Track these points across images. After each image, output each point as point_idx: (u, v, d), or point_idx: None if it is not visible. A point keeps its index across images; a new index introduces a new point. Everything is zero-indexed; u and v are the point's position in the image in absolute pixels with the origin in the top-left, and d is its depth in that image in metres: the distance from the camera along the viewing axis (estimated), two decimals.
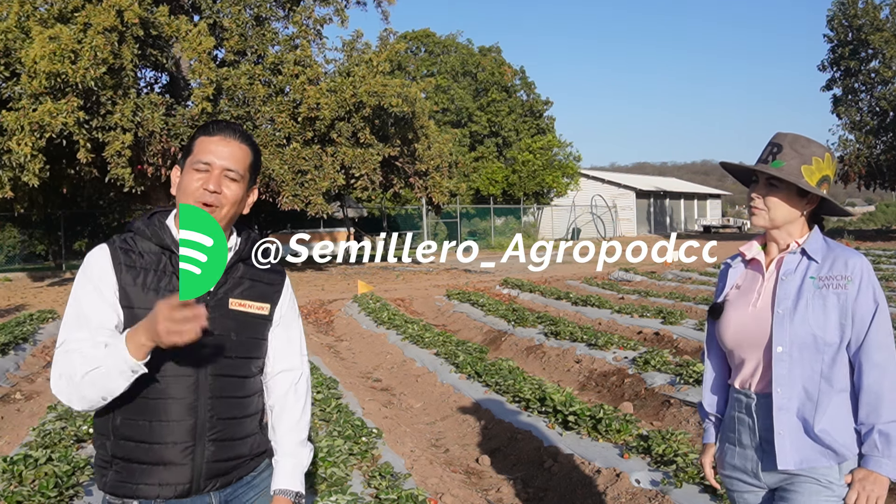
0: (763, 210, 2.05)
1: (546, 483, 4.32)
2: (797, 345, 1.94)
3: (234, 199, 1.83)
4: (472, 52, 43.02)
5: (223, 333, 1.83)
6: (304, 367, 2.03)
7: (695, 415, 5.27)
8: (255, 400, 1.94)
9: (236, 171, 1.83)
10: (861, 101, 35.64)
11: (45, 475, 3.79)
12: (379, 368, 7.98)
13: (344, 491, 3.59)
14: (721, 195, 65.34)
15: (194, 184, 1.79)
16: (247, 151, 1.86)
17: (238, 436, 1.88)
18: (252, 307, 1.89)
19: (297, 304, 2.09)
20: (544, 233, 39.56)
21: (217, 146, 1.82)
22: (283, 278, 2.01)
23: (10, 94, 15.48)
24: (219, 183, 1.80)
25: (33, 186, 15.48)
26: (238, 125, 1.90)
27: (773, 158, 2.02)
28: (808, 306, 1.94)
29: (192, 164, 1.81)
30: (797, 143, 2.01)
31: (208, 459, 1.81)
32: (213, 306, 1.82)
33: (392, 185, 21.15)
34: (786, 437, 1.95)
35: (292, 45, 19.69)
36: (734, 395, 2.12)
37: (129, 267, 1.78)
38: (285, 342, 1.99)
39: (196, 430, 1.79)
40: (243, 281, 1.90)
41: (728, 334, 2.09)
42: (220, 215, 1.80)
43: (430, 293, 14.33)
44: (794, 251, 2.04)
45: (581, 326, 8.41)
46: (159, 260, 1.81)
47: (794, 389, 1.95)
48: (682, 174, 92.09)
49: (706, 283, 13.69)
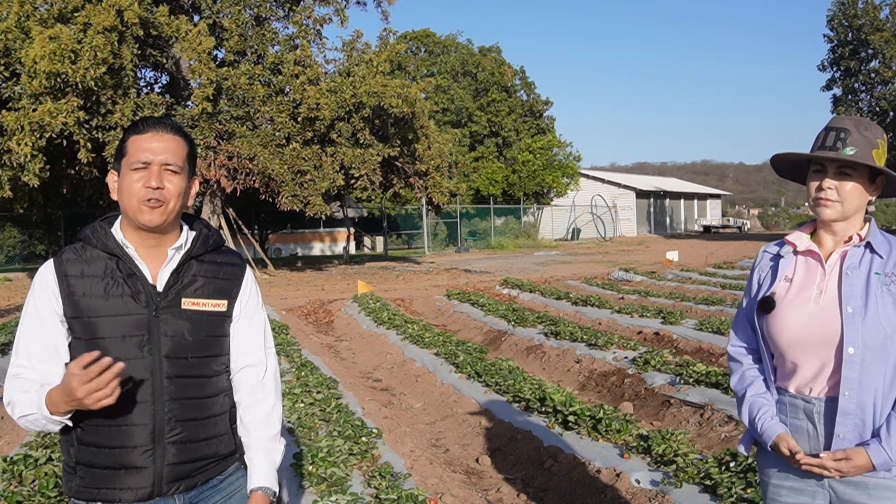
0: (837, 202, 1.88)
1: (546, 483, 4.32)
2: (869, 346, 1.81)
3: (177, 192, 1.82)
4: (472, 52, 43.02)
5: (176, 335, 1.82)
6: (270, 360, 1.99)
7: (695, 414, 5.27)
8: (219, 400, 1.90)
9: (175, 164, 1.81)
10: (861, 101, 35.67)
11: (45, 475, 3.79)
12: (379, 368, 7.98)
13: (344, 491, 3.59)
14: (721, 195, 65.32)
15: (135, 184, 1.79)
16: (181, 143, 1.84)
17: (200, 437, 1.85)
18: (207, 305, 1.87)
19: (295, 304, 2.07)
20: (544, 233, 39.56)
21: (151, 142, 1.80)
22: (242, 271, 1.97)
23: (10, 94, 15.49)
24: (160, 178, 1.79)
25: (33, 186, 15.47)
26: (167, 118, 1.90)
27: (842, 144, 1.85)
28: (878, 304, 1.81)
29: (129, 164, 1.80)
30: (862, 126, 1.88)
31: (169, 462, 1.80)
32: (165, 307, 1.82)
33: (392, 185, 21.14)
34: (845, 441, 1.84)
35: (292, 45, 19.68)
36: (786, 400, 1.96)
37: (77, 277, 1.79)
38: (248, 336, 1.95)
39: (155, 433, 1.79)
40: (197, 279, 1.88)
41: (786, 334, 1.91)
42: (166, 210, 1.81)
43: (430, 293, 14.33)
44: (858, 244, 1.90)
45: (581, 326, 8.41)
46: (106, 266, 1.81)
47: (862, 394, 1.82)
48: (682, 174, 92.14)
49: (706, 283, 13.68)
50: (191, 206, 1.94)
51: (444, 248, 33.48)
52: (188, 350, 1.83)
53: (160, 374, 1.80)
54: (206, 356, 1.87)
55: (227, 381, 1.94)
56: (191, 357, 1.84)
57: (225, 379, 1.93)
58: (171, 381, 1.81)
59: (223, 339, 1.91)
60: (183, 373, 1.83)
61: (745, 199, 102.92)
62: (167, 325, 1.81)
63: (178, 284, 1.85)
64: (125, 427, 1.78)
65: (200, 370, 1.86)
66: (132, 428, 1.78)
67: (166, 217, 1.82)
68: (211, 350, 1.88)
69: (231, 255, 1.99)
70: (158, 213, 1.80)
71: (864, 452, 1.81)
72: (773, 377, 2.02)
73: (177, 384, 1.82)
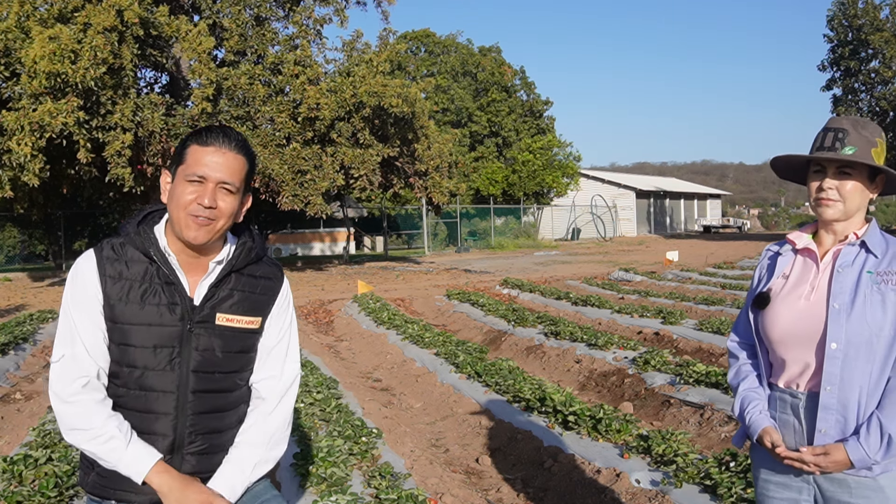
0: (838, 201, 1.89)
1: (546, 483, 4.32)
2: (853, 343, 1.83)
3: (230, 211, 1.76)
4: (472, 52, 43.03)
5: (207, 350, 1.78)
6: (287, 368, 1.92)
7: (695, 414, 5.27)
8: (238, 410, 1.89)
9: (232, 184, 1.74)
10: (861, 101, 35.68)
11: (45, 475, 3.79)
12: (379, 368, 7.98)
13: (344, 491, 3.58)
14: (721, 195, 65.32)
15: (187, 196, 1.72)
16: (242, 162, 1.77)
17: (218, 448, 1.85)
18: (241, 322, 1.82)
19: (295, 304, 2.04)
20: (544, 233, 39.56)
21: (212, 157, 1.72)
22: (279, 284, 1.92)
23: (10, 94, 15.48)
24: (214, 197, 1.72)
25: (33, 186, 15.47)
26: (233, 131, 1.80)
27: (841, 145, 1.88)
28: (866, 302, 1.83)
29: (185, 175, 1.73)
30: (860, 125, 1.90)
31: (186, 471, 1.79)
32: (199, 322, 1.78)
33: (392, 185, 21.13)
34: (827, 437, 1.87)
35: (292, 45, 19.68)
36: (777, 395, 2.00)
37: (115, 279, 1.74)
38: (272, 348, 1.90)
39: (175, 444, 1.78)
40: (234, 293, 1.82)
41: (777, 328, 1.96)
42: (214, 229, 1.75)
43: (430, 293, 14.32)
44: (853, 243, 1.92)
45: (581, 326, 8.41)
46: (146, 271, 1.76)
47: (844, 389, 1.84)
48: (682, 174, 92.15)
49: (706, 283, 13.68)
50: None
51: (444, 248, 33.47)
52: (216, 366, 1.80)
53: (186, 388, 1.77)
54: (233, 371, 1.84)
55: (247, 393, 1.91)
56: (217, 373, 1.81)
57: (245, 391, 1.90)
58: (195, 396, 1.78)
59: (251, 355, 1.88)
60: (208, 387, 1.80)
61: (745, 199, 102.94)
62: (199, 339, 1.77)
63: (214, 299, 1.80)
64: (146, 436, 1.76)
65: (224, 384, 1.83)
66: (152, 438, 1.77)
67: (212, 236, 1.76)
68: (238, 366, 1.85)
69: (270, 268, 1.93)
70: (206, 231, 1.74)
71: (843, 449, 1.83)
72: (769, 372, 2.05)
73: (200, 399, 1.79)
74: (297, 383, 1.96)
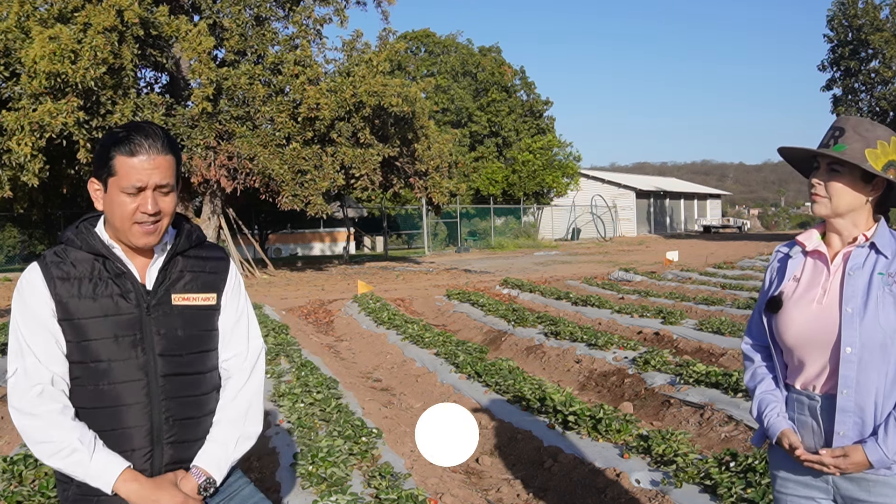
0: (825, 198, 1.92)
1: (546, 483, 4.32)
2: (867, 346, 1.83)
3: (171, 209, 1.79)
4: (472, 52, 43.04)
5: (168, 332, 1.80)
6: (252, 343, 1.96)
7: (695, 414, 5.27)
8: (213, 397, 1.90)
9: (168, 184, 1.76)
10: (861, 101, 35.68)
11: (45, 475, 3.79)
12: (379, 368, 7.98)
13: (344, 491, 3.58)
14: (721, 195, 65.32)
15: (129, 207, 1.73)
16: (171, 160, 1.77)
17: (195, 437, 1.85)
18: (198, 299, 1.86)
19: (295, 304, 2.06)
20: (544, 233, 39.57)
21: (143, 165, 1.72)
22: (227, 264, 1.97)
23: (10, 94, 15.49)
24: (155, 202, 1.74)
25: (33, 186, 15.48)
26: (153, 128, 1.77)
27: (834, 142, 1.90)
28: (879, 304, 1.84)
29: (121, 187, 1.72)
30: (860, 126, 1.91)
31: (167, 462, 1.79)
32: (156, 305, 1.80)
33: (392, 185, 21.13)
34: (846, 439, 1.88)
35: (292, 45, 19.67)
36: (794, 397, 2.01)
37: (63, 279, 1.75)
38: (233, 327, 1.95)
39: (153, 435, 1.77)
40: (184, 274, 1.86)
41: (791, 333, 1.96)
42: (161, 228, 1.79)
43: (430, 293, 14.32)
44: (863, 245, 1.92)
45: (581, 326, 8.41)
46: (92, 267, 1.78)
47: (860, 392, 1.86)
48: (682, 174, 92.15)
49: (706, 283, 13.69)
50: None
51: (444, 248, 33.48)
52: (181, 347, 1.82)
53: (155, 373, 1.78)
54: (199, 352, 1.86)
55: (218, 380, 1.93)
56: (185, 354, 1.83)
57: (216, 375, 1.93)
58: (166, 380, 1.79)
59: (213, 332, 1.91)
60: (177, 370, 1.81)
61: (745, 199, 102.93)
62: (159, 322, 1.80)
63: (167, 281, 1.84)
64: (122, 430, 1.76)
65: (195, 367, 1.85)
66: (130, 430, 1.76)
67: (161, 235, 1.80)
68: (203, 345, 1.87)
69: (215, 250, 1.98)
70: (155, 235, 1.78)
71: (861, 450, 1.84)
72: (784, 374, 2.06)
73: (172, 382, 1.80)
74: (264, 357, 2.01)
